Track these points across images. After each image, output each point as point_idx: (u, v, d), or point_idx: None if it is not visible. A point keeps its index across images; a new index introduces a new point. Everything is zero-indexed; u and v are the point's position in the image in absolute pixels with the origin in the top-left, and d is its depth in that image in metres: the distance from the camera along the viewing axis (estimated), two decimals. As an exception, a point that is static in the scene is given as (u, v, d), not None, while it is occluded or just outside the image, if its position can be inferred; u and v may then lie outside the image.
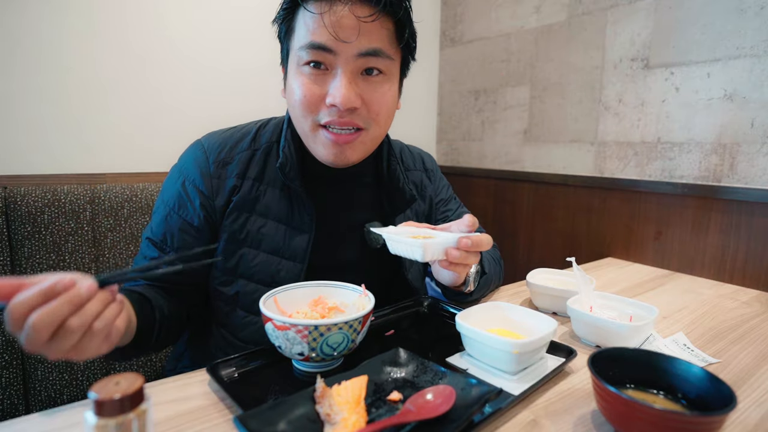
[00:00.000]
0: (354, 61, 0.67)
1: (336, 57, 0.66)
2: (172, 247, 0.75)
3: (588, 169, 1.49)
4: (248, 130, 0.81)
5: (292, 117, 0.75)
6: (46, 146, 1.17)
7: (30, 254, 0.97)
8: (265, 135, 0.80)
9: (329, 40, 0.65)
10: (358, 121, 0.70)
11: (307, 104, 0.69)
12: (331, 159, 0.72)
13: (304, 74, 0.68)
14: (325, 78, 0.68)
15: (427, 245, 0.63)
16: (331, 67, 0.68)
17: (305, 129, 0.72)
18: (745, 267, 1.14)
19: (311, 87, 0.68)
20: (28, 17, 1.11)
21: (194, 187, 0.75)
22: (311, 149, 0.75)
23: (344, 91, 0.66)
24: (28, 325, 0.41)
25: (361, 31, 0.65)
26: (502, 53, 1.73)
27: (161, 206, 0.77)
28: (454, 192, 1.05)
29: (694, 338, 0.77)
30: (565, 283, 0.90)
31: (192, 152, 0.78)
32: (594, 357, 0.52)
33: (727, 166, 1.16)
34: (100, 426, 0.32)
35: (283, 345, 0.56)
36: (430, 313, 0.84)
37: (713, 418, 0.43)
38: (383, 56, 0.69)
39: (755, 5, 1.09)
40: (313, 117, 0.70)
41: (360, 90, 0.68)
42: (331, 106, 0.67)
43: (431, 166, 1.00)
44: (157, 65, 1.31)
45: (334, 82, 0.67)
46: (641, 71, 1.32)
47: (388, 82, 0.72)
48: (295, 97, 0.69)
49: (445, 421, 0.47)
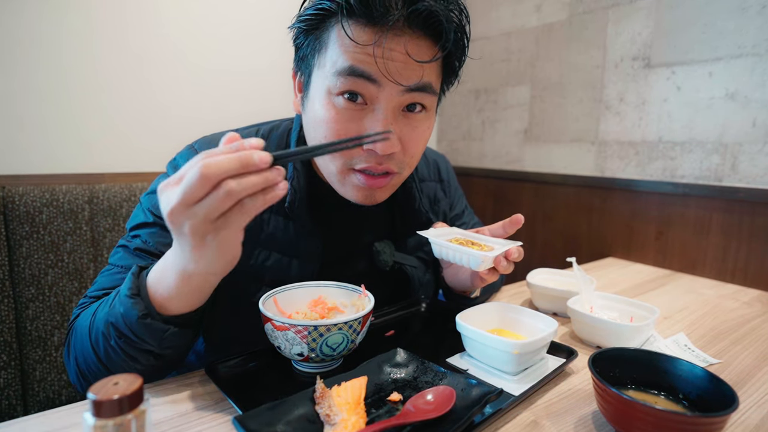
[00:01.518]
0: (399, 97, 0.58)
1: (380, 90, 0.57)
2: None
3: (589, 168, 1.48)
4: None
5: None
6: (44, 146, 1.16)
7: (28, 254, 0.97)
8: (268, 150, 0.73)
9: (376, 72, 0.55)
10: (393, 167, 0.62)
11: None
12: (360, 201, 0.65)
13: (336, 107, 0.58)
14: (363, 115, 0.58)
15: (487, 258, 0.62)
16: (370, 101, 0.58)
17: (332, 170, 0.63)
18: (747, 267, 1.14)
19: (346, 126, 0.58)
20: (26, 16, 1.11)
21: None
22: (336, 188, 0.66)
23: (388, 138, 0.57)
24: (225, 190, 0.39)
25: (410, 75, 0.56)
26: (503, 52, 1.73)
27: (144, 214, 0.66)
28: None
29: (695, 339, 0.76)
30: (566, 284, 0.90)
31: (183, 156, 0.69)
32: (594, 357, 0.51)
33: (729, 166, 1.16)
34: (98, 427, 0.32)
35: (282, 345, 0.56)
36: (430, 313, 0.83)
37: (714, 419, 0.43)
38: (430, 92, 0.60)
39: (757, 4, 1.09)
40: (346, 160, 0.61)
41: (399, 130, 0.60)
42: (368, 151, 0.59)
43: (446, 176, 0.94)
44: (156, 65, 1.31)
45: (374, 123, 0.58)
46: (642, 70, 1.32)
47: (428, 120, 0.64)
48: (323, 133, 0.59)
49: (445, 421, 0.47)
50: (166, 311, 0.51)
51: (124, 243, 0.66)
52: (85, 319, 0.57)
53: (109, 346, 0.53)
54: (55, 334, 1.00)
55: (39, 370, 0.98)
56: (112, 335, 0.52)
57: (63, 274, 1.01)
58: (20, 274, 0.96)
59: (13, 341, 0.95)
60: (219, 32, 1.40)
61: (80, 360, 0.57)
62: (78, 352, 0.57)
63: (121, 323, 0.51)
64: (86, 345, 0.55)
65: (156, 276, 0.51)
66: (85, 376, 0.58)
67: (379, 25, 0.54)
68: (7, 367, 0.94)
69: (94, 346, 0.54)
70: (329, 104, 0.59)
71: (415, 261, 0.82)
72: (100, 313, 0.55)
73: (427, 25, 0.56)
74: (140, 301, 0.50)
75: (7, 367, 0.94)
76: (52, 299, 0.99)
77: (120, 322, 0.51)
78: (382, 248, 0.78)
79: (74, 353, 0.58)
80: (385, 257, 0.77)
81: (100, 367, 0.55)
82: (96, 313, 0.56)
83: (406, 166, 0.64)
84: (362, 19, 0.55)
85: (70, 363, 0.60)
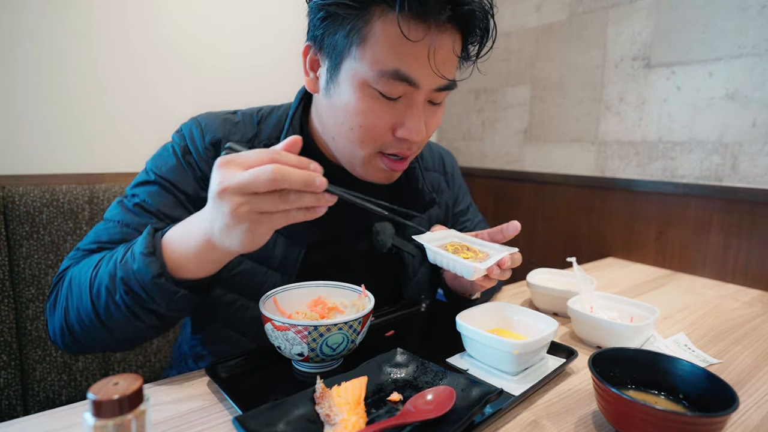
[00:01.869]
0: (430, 94, 0.62)
1: (416, 90, 0.60)
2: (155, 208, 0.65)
3: (589, 168, 1.48)
4: (247, 119, 0.73)
5: (340, 137, 0.64)
6: (44, 146, 1.16)
7: (28, 254, 0.97)
8: (266, 130, 0.72)
9: (420, 74, 0.57)
10: (416, 149, 0.67)
11: (373, 134, 0.61)
12: (381, 181, 0.68)
13: (374, 98, 0.59)
14: (396, 106, 0.61)
15: (479, 270, 0.61)
16: (405, 96, 0.60)
17: (359, 154, 0.64)
18: (747, 267, 1.14)
19: (382, 117, 0.60)
20: (27, 16, 1.11)
21: (190, 162, 0.68)
22: (353, 170, 0.68)
23: (420, 127, 0.61)
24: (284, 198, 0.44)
25: (451, 68, 0.60)
26: (503, 52, 1.73)
27: (147, 174, 0.68)
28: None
29: (696, 339, 0.76)
30: (566, 284, 0.90)
31: (189, 127, 0.70)
32: (595, 357, 0.51)
33: (729, 166, 1.16)
34: (98, 427, 0.32)
35: (282, 345, 0.56)
36: (430, 313, 0.83)
37: (715, 419, 0.43)
38: (454, 87, 0.64)
39: (757, 4, 1.09)
40: (375, 146, 0.63)
41: (426, 119, 0.64)
42: (402, 139, 0.62)
43: (451, 170, 0.95)
44: (157, 64, 1.31)
45: (410, 115, 0.61)
46: (642, 70, 1.32)
47: (443, 107, 0.68)
48: (358, 122, 0.61)
49: (445, 421, 0.47)
50: (178, 274, 0.52)
51: (121, 200, 0.67)
52: (84, 271, 0.57)
53: (112, 301, 0.53)
54: (56, 334, 1.00)
55: (39, 370, 0.98)
56: (119, 290, 0.52)
57: (63, 274, 1.01)
58: (20, 274, 0.96)
59: (13, 341, 0.95)
60: (220, 31, 1.40)
61: (71, 312, 0.57)
62: (70, 304, 0.57)
63: (132, 280, 0.51)
64: (84, 297, 0.55)
65: (175, 239, 0.52)
66: (71, 329, 0.57)
67: (429, 21, 0.55)
68: (7, 367, 0.94)
69: (94, 300, 0.54)
70: (365, 96, 0.59)
71: (413, 249, 0.81)
72: (103, 267, 0.55)
73: (467, 22, 0.58)
74: (155, 261, 0.51)
75: (7, 367, 0.94)
76: (53, 299, 0.99)
77: (131, 278, 0.51)
78: (381, 228, 0.78)
79: (63, 304, 0.58)
80: (384, 237, 0.77)
81: (94, 320, 0.55)
82: (99, 266, 0.56)
83: (420, 149, 0.69)
84: (412, 14, 0.54)
85: (54, 315, 0.59)
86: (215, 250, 0.49)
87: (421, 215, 0.83)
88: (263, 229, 0.46)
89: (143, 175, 0.68)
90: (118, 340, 0.58)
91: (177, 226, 0.53)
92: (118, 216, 0.64)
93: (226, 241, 0.47)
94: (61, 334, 0.59)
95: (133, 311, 0.53)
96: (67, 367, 1.01)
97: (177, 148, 0.69)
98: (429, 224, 0.86)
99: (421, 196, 0.81)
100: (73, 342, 0.59)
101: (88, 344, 0.59)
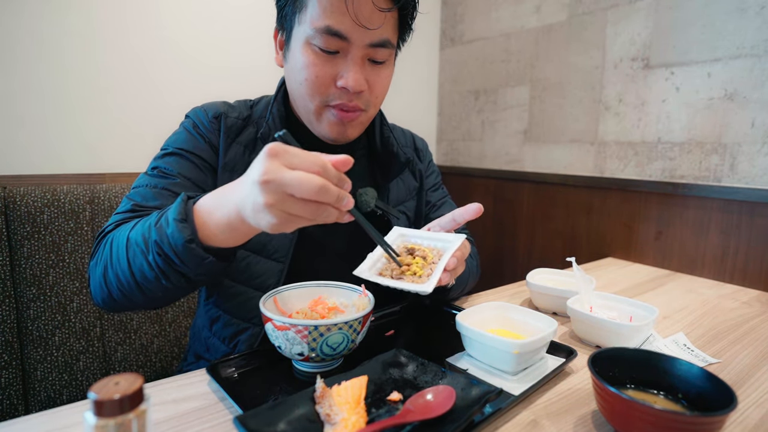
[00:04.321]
0: (365, 49, 0.69)
1: (350, 44, 0.68)
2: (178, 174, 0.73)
3: (588, 169, 1.49)
4: (242, 104, 0.84)
5: (296, 93, 0.75)
6: (45, 146, 1.17)
7: (29, 254, 0.97)
8: (257, 111, 0.83)
9: (348, 28, 0.66)
10: (361, 104, 0.73)
11: (318, 85, 0.70)
12: (334, 136, 0.75)
13: (315, 53, 0.69)
14: (335, 60, 0.69)
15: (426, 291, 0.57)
16: (342, 52, 0.69)
17: (310, 107, 0.73)
18: (746, 267, 1.14)
19: (323, 68, 0.69)
20: (27, 16, 1.11)
21: (200, 133, 0.77)
22: (312, 127, 0.77)
23: (357, 77, 0.69)
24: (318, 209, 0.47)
25: (374, 21, 0.67)
26: (502, 53, 1.73)
27: (162, 150, 0.77)
28: (455, 192, 1.05)
29: (695, 338, 0.76)
30: (565, 283, 0.90)
31: (194, 110, 0.81)
32: (594, 357, 0.51)
33: (728, 166, 1.16)
34: (99, 426, 0.32)
35: (283, 345, 0.56)
36: (430, 313, 0.83)
37: (713, 419, 0.43)
38: (389, 47, 0.72)
39: (756, 5, 1.09)
40: (321, 98, 0.71)
41: (366, 74, 0.71)
42: (341, 89, 0.70)
43: (422, 146, 1.02)
44: (158, 65, 1.31)
45: (346, 66, 0.69)
46: (641, 71, 1.32)
47: (388, 68, 0.75)
48: (304, 76, 0.70)
49: (445, 421, 0.47)
50: (207, 242, 0.54)
51: (144, 173, 0.74)
52: (122, 233, 0.61)
53: (145, 260, 0.56)
54: (56, 333, 1.00)
55: (40, 369, 0.98)
56: (152, 251, 0.55)
57: (64, 274, 1.01)
58: (21, 274, 0.96)
59: (14, 341, 0.95)
60: (220, 31, 1.41)
61: (109, 270, 0.61)
62: (110, 262, 0.61)
63: (165, 243, 0.54)
64: (122, 258, 0.58)
65: (208, 207, 0.54)
66: (110, 288, 0.62)
67: None
68: (8, 366, 0.94)
69: (130, 260, 0.58)
70: (308, 51, 0.69)
71: (397, 213, 0.86)
72: (138, 229, 0.58)
73: None
74: (187, 227, 0.53)
75: (8, 366, 0.94)
76: (53, 299, 0.99)
77: (164, 241, 0.54)
78: (364, 191, 0.82)
79: (104, 263, 0.62)
80: (367, 199, 0.81)
81: (129, 280, 0.58)
82: (134, 229, 0.59)
83: (371, 105, 0.75)
84: None
85: (96, 271, 0.64)
86: (244, 224, 0.51)
87: (398, 217, 0.87)
88: (289, 227, 0.48)
89: (159, 153, 0.77)
90: (149, 299, 0.61)
91: (208, 196, 0.56)
92: (146, 181, 0.71)
93: (254, 221, 0.49)
94: (101, 292, 0.63)
95: (164, 272, 0.56)
96: (68, 367, 1.01)
97: (187, 125, 0.79)
98: (407, 196, 0.92)
99: (397, 157, 0.88)
100: (110, 300, 0.63)
101: (122, 302, 0.63)
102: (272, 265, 0.75)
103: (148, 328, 1.11)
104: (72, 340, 1.01)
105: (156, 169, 0.73)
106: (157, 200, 0.68)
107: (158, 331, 1.13)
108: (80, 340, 1.02)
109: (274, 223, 0.47)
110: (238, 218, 0.50)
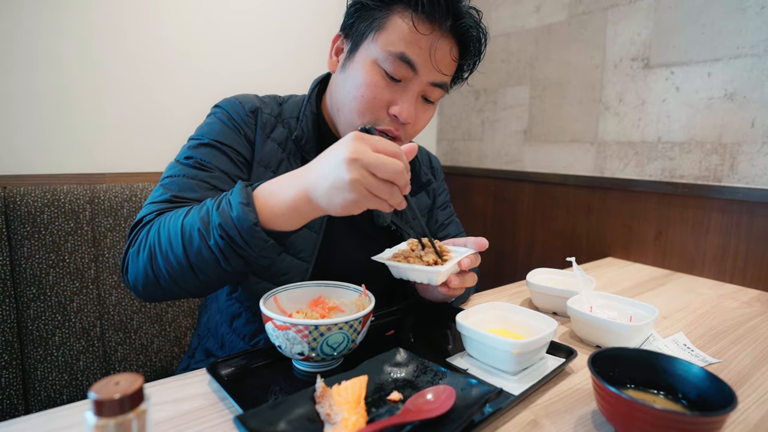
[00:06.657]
0: (425, 86, 0.71)
1: (415, 77, 0.70)
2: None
3: (588, 168, 1.49)
4: (272, 100, 0.83)
5: (342, 104, 0.74)
6: (45, 146, 1.17)
7: (29, 254, 0.97)
8: (287, 110, 0.82)
9: (421, 61, 0.68)
10: (402, 134, 0.74)
11: (372, 107, 0.70)
12: None
13: (380, 75, 0.69)
14: (395, 87, 0.70)
15: (441, 274, 0.63)
16: (403, 81, 0.70)
17: (355, 123, 0.73)
18: (746, 267, 1.14)
19: (382, 92, 0.70)
20: (26, 17, 1.11)
21: (236, 125, 0.76)
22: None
23: (411, 109, 0.71)
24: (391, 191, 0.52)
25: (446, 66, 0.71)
26: (502, 53, 1.73)
27: (196, 140, 0.74)
28: (455, 192, 1.06)
29: (695, 338, 0.76)
30: (565, 283, 0.90)
31: (227, 101, 0.80)
32: (594, 357, 0.52)
33: (728, 166, 1.16)
34: (99, 426, 0.32)
35: (283, 345, 0.56)
36: (430, 313, 0.83)
37: (713, 418, 0.43)
38: (445, 89, 0.74)
39: (755, 5, 1.09)
40: (370, 118, 0.72)
41: (416, 110, 0.73)
42: (392, 116, 0.71)
43: (437, 165, 1.03)
44: (156, 65, 1.31)
45: (404, 97, 0.70)
46: (641, 71, 1.32)
47: (433, 108, 0.78)
48: (361, 92, 0.70)
49: (445, 421, 0.47)
50: (266, 226, 0.56)
51: (177, 160, 0.73)
52: (173, 219, 0.61)
53: (204, 244, 0.57)
54: (57, 333, 1.00)
55: (40, 369, 0.98)
56: (213, 235, 0.56)
57: (64, 274, 1.01)
58: (21, 274, 0.96)
59: (14, 341, 0.95)
60: (219, 33, 1.40)
61: (158, 256, 0.60)
62: (159, 248, 0.60)
63: (230, 226, 0.55)
64: (175, 242, 0.59)
65: (269, 192, 0.57)
66: (157, 274, 0.61)
67: (435, 23, 0.68)
68: (8, 366, 0.94)
69: (186, 244, 0.58)
70: (373, 71, 0.70)
71: (410, 229, 0.88)
72: (195, 214, 0.59)
73: (463, 37, 0.72)
74: (252, 211, 0.55)
75: (8, 366, 0.94)
76: (54, 299, 0.99)
77: (230, 224, 0.55)
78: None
79: (149, 249, 0.61)
80: (384, 215, 0.84)
81: (184, 264, 0.59)
82: (189, 214, 0.60)
83: (408, 137, 0.77)
84: (424, 15, 0.67)
85: (140, 258, 0.62)
86: (310, 204, 0.54)
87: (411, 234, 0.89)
88: (362, 205, 0.52)
89: (192, 142, 0.74)
90: (201, 283, 0.62)
91: (266, 183, 0.58)
92: (181, 171, 0.70)
93: (325, 200, 0.52)
94: (144, 278, 0.63)
95: (225, 255, 0.57)
96: (68, 367, 1.01)
97: (221, 116, 0.77)
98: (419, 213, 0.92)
99: (418, 177, 0.92)
100: (154, 286, 0.63)
101: (168, 288, 0.63)
102: (298, 263, 0.75)
103: (148, 328, 1.11)
104: (72, 340, 1.01)
105: (191, 159, 0.72)
106: (196, 192, 0.68)
107: (158, 331, 1.13)
108: (80, 340, 1.02)
109: (351, 200, 0.50)
110: (304, 199, 0.54)
